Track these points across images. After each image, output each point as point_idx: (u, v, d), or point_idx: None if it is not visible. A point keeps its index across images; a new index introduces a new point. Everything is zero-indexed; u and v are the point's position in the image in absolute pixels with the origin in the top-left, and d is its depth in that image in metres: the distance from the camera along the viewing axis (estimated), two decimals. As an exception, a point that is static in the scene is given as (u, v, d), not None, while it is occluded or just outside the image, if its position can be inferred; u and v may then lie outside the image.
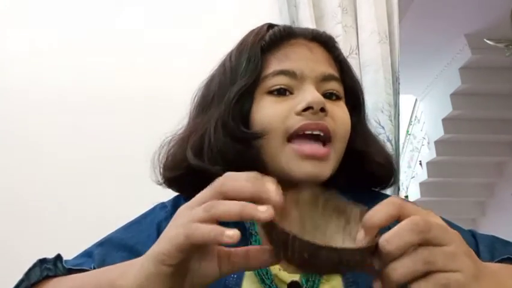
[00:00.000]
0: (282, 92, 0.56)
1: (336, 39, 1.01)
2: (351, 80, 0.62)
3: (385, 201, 0.36)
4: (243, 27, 0.63)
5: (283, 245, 0.34)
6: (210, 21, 1.21)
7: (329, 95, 0.57)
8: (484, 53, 3.54)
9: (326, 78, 0.57)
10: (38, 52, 1.20)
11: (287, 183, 0.54)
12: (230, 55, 0.61)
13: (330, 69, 0.58)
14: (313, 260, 0.33)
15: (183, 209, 0.38)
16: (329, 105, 0.55)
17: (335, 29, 1.04)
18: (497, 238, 0.59)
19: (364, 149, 0.60)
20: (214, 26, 1.21)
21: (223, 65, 0.62)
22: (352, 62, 1.02)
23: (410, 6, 3.01)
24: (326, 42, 0.61)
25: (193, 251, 0.36)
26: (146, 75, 1.19)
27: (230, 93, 0.56)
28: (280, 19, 1.11)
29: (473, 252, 0.37)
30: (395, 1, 1.08)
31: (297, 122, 0.53)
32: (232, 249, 0.39)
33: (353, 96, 0.62)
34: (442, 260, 0.33)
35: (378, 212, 0.35)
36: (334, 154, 0.55)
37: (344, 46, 1.02)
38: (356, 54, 1.03)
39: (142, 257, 0.39)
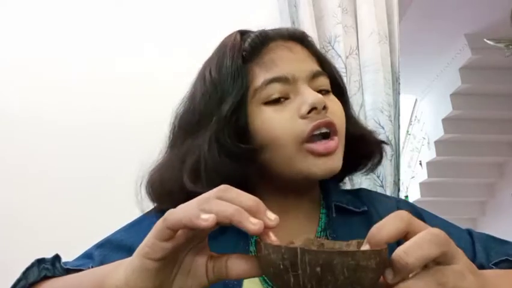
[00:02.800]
0: (278, 100, 0.54)
1: (336, 39, 1.03)
2: (332, 71, 0.62)
3: (393, 214, 0.35)
4: (243, 28, 0.62)
5: (292, 264, 0.31)
6: (210, 22, 1.21)
7: (320, 91, 0.56)
8: (484, 53, 3.54)
9: (315, 75, 0.56)
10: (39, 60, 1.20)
11: (302, 185, 0.57)
12: (209, 72, 0.57)
13: (314, 65, 0.58)
14: (328, 273, 0.31)
15: (180, 206, 0.37)
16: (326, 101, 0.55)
17: (335, 29, 1.04)
18: (492, 237, 0.60)
19: (357, 133, 0.61)
20: (213, 27, 1.21)
21: (203, 82, 0.58)
22: (352, 62, 1.02)
23: (410, 6, 3.01)
24: (301, 39, 0.60)
25: (177, 242, 0.35)
26: (147, 77, 1.19)
27: (221, 112, 0.53)
28: (280, 19, 1.11)
29: (475, 267, 0.37)
30: (395, 1, 1.08)
31: (306, 125, 0.52)
32: (220, 254, 0.38)
33: (336, 85, 0.62)
34: (453, 280, 0.33)
35: (387, 226, 0.34)
36: (341, 144, 0.56)
37: (344, 46, 1.02)
38: (356, 54, 1.03)
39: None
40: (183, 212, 0.34)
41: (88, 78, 1.19)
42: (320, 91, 0.56)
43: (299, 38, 0.60)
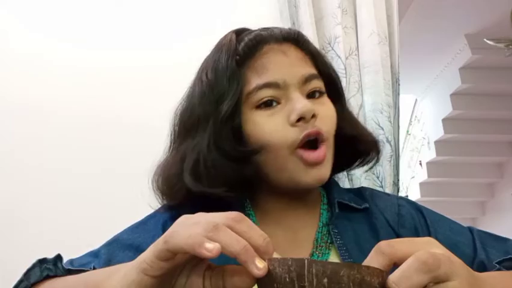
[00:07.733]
0: (269, 104, 0.55)
1: (336, 40, 1.03)
2: (327, 69, 0.62)
3: (374, 251, 0.35)
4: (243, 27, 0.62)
5: (298, 276, 0.31)
6: (210, 22, 1.22)
7: (313, 94, 0.57)
8: (484, 53, 3.54)
9: (307, 79, 0.56)
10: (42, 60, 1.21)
11: (291, 191, 0.57)
12: (205, 73, 0.58)
13: (308, 68, 0.58)
14: (334, 285, 0.31)
15: (183, 218, 0.37)
16: (315, 106, 0.55)
17: (334, 30, 1.04)
18: (489, 234, 0.60)
19: (354, 133, 0.62)
20: (213, 27, 1.21)
21: (200, 83, 0.59)
22: (352, 63, 1.03)
23: (410, 6, 3.01)
24: (296, 40, 0.59)
25: (177, 262, 0.35)
26: (146, 72, 1.20)
27: (219, 114, 0.55)
28: (280, 20, 1.11)
29: (476, 277, 0.37)
30: (395, 2, 1.08)
31: (297, 134, 0.54)
32: (217, 266, 0.38)
33: (331, 84, 0.61)
34: None
35: (370, 265, 0.33)
36: (329, 151, 0.56)
37: (344, 47, 1.02)
38: (355, 55, 1.03)
39: (130, 262, 0.39)
40: (187, 238, 0.33)
41: (89, 72, 1.19)
42: (313, 93, 0.57)
43: (294, 39, 0.59)
